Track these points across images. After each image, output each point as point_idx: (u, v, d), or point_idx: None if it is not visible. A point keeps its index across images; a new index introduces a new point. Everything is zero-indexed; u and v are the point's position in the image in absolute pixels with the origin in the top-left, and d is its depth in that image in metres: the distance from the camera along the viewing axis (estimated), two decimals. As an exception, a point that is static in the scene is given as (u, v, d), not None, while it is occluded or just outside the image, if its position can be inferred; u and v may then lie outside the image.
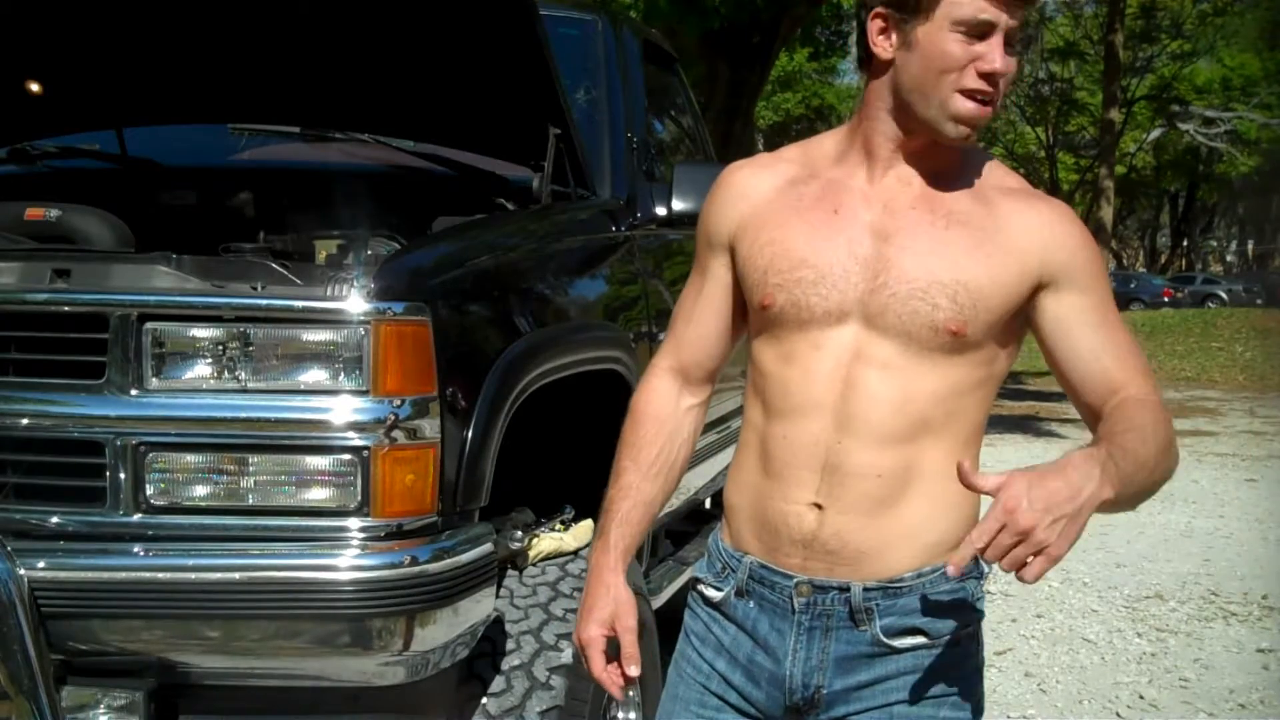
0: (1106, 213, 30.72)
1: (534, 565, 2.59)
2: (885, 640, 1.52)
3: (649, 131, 3.92)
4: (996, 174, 1.57)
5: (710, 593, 1.63)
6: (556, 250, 2.93)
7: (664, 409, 1.70)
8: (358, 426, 2.09)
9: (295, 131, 3.49)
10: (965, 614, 1.55)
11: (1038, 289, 1.50)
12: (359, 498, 2.11)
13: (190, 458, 2.14)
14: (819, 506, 1.51)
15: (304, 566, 2.09)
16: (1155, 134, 34.01)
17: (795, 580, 1.53)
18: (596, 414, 2.95)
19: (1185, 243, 48.26)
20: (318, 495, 2.13)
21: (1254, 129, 31.97)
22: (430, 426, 2.14)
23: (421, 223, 2.89)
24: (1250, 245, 56.53)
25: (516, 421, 2.38)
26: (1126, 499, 1.36)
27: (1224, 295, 36.35)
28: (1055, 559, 1.25)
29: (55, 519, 2.15)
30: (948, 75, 1.44)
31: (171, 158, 3.45)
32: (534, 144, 2.95)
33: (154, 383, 2.12)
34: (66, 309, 2.17)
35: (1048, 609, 5.19)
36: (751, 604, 1.58)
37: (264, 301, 2.12)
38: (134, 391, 2.12)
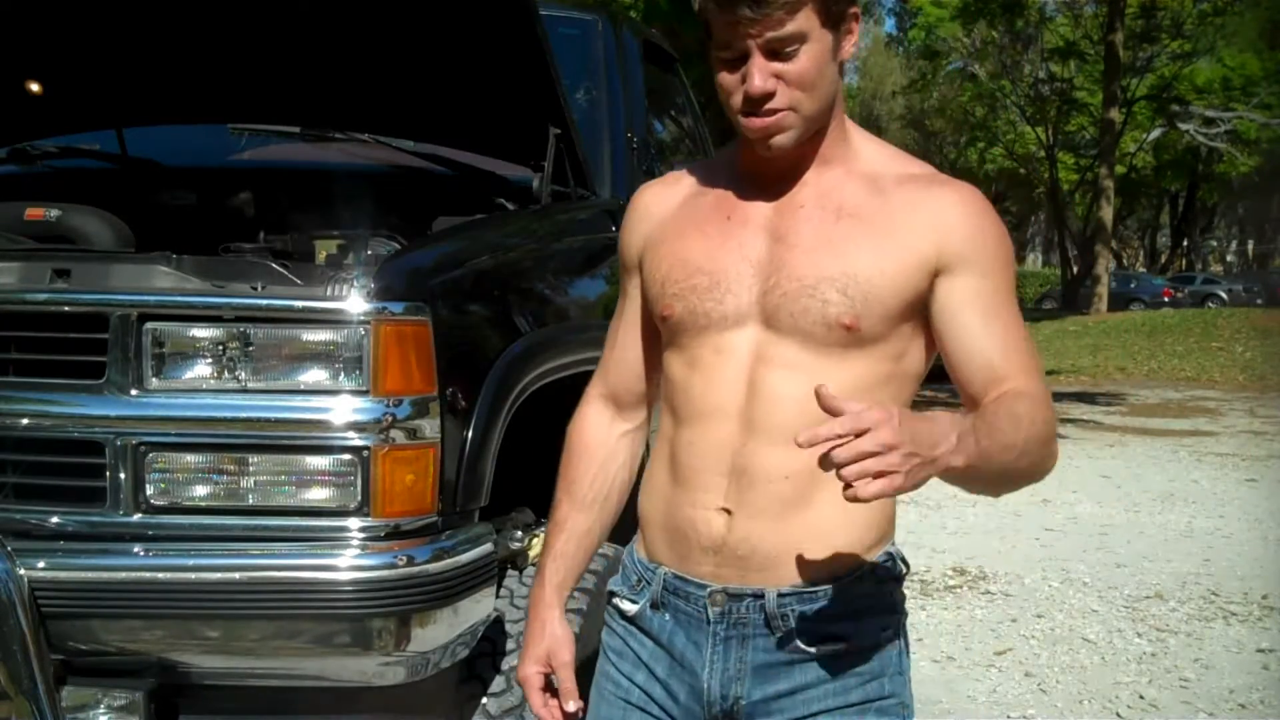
0: (1106, 213, 30.77)
1: (534, 565, 2.59)
2: (803, 647, 1.49)
3: (649, 131, 3.92)
4: (897, 163, 1.55)
5: (626, 606, 1.60)
6: (556, 250, 2.93)
7: (595, 438, 1.68)
8: (358, 426, 2.09)
9: (295, 131, 3.49)
10: (885, 617, 1.53)
11: (936, 275, 1.46)
12: (359, 498, 2.11)
13: (190, 458, 2.14)
14: (727, 511, 1.48)
15: (304, 566, 2.09)
16: (1155, 134, 33.99)
17: (709, 589, 1.50)
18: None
19: (1185, 243, 48.27)
20: (317, 495, 2.13)
21: (1254, 129, 31.96)
22: (430, 426, 2.14)
23: (421, 223, 2.89)
24: (1250, 245, 56.55)
25: (516, 421, 2.38)
26: (983, 477, 1.36)
27: (1224, 295, 36.36)
28: (895, 489, 1.23)
29: (55, 519, 2.15)
30: (729, 101, 1.45)
31: (171, 158, 3.45)
32: (534, 144, 2.95)
33: (154, 383, 2.13)
34: (66, 309, 2.17)
35: (1048, 609, 5.19)
36: (667, 616, 1.55)
37: (264, 301, 2.12)
38: (134, 391, 2.12)
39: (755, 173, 1.53)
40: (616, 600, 1.62)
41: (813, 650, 1.49)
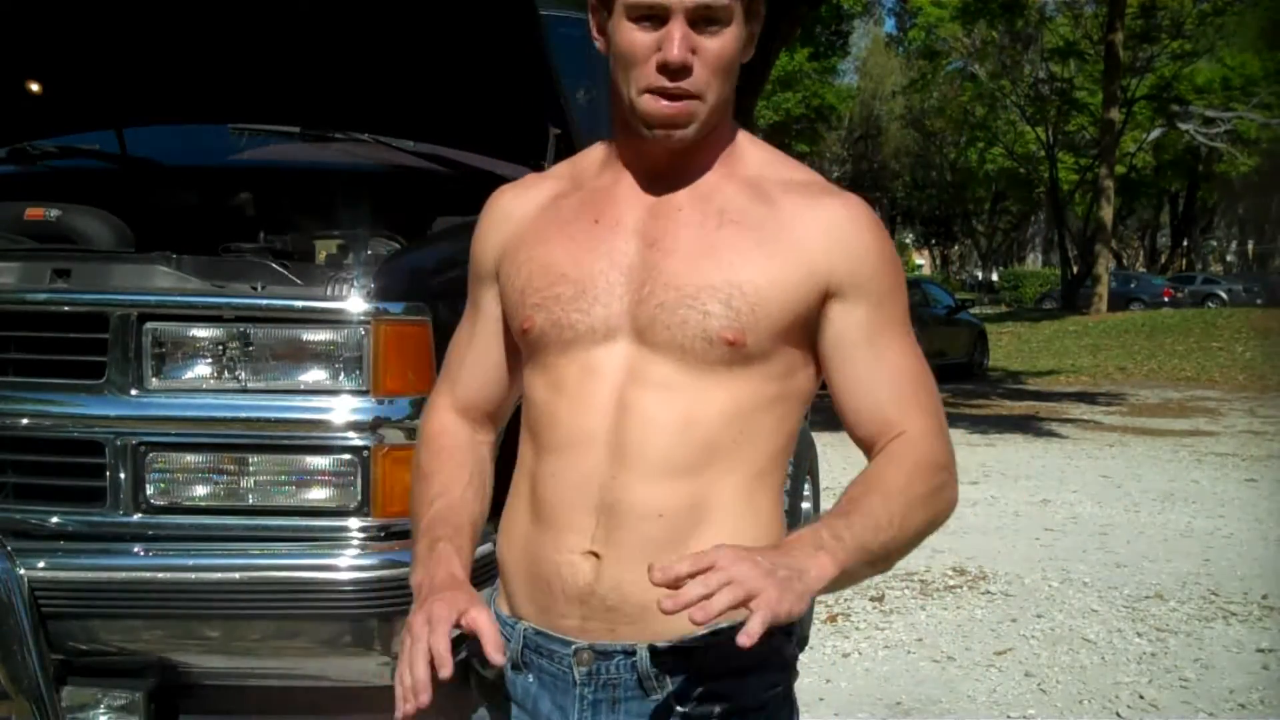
0: (1106, 213, 30.77)
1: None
2: (680, 709, 1.31)
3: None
4: (781, 168, 1.40)
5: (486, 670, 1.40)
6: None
7: (462, 440, 1.49)
8: (357, 426, 2.09)
9: (295, 131, 3.49)
10: (773, 674, 1.36)
11: (827, 297, 1.32)
12: (359, 497, 2.11)
13: (190, 458, 2.14)
14: (595, 555, 1.30)
15: (304, 566, 2.09)
16: (1155, 134, 34.02)
17: (574, 646, 1.32)
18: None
19: (1185, 243, 48.29)
20: (318, 495, 2.13)
21: (1254, 129, 31.98)
22: (430, 426, 2.14)
23: (421, 223, 2.89)
24: (1250, 245, 56.58)
25: (516, 422, 2.37)
26: (868, 566, 1.24)
27: (1224, 295, 36.36)
28: (776, 614, 1.08)
29: (55, 519, 2.15)
30: (631, 72, 1.29)
31: (171, 158, 3.45)
32: (534, 144, 2.95)
33: (154, 383, 2.13)
34: (66, 309, 2.17)
35: (1048, 609, 5.18)
36: (530, 678, 1.36)
37: (264, 301, 2.13)
38: (134, 391, 2.12)
39: (629, 170, 1.38)
40: (476, 663, 1.42)
41: (691, 713, 1.31)
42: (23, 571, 2.05)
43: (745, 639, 1.07)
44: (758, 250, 1.31)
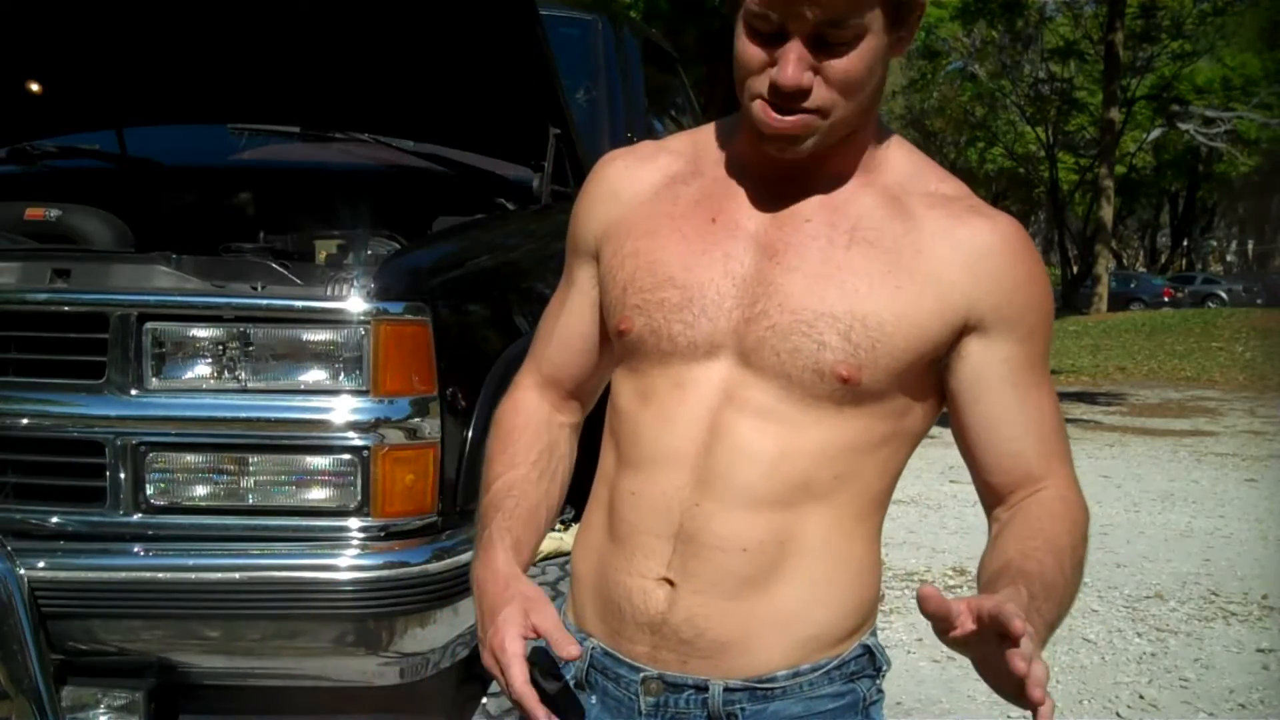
0: (1106, 213, 30.79)
1: (534, 565, 2.58)
2: None
3: (649, 131, 3.92)
4: (927, 179, 1.25)
5: (547, 683, 1.31)
6: (556, 250, 2.92)
7: (535, 419, 1.39)
8: (357, 426, 2.09)
9: (295, 131, 3.49)
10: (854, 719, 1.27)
11: (964, 332, 1.20)
12: (359, 498, 2.11)
13: (190, 458, 2.14)
14: (670, 583, 1.22)
15: (304, 566, 2.09)
16: (1155, 134, 34.04)
17: (643, 674, 1.25)
18: (596, 414, 2.96)
19: (1185, 243, 48.30)
20: (318, 495, 2.13)
21: (1254, 129, 32.00)
22: (430, 426, 2.15)
23: (421, 223, 2.89)
24: (1250, 245, 56.61)
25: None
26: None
27: (1224, 295, 36.38)
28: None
29: (55, 519, 2.15)
30: (748, 80, 1.18)
31: (171, 158, 3.46)
32: (534, 144, 2.95)
33: (154, 383, 2.13)
34: (66, 309, 2.17)
35: (1048, 609, 5.18)
36: (593, 699, 1.29)
37: (264, 301, 2.13)
38: (134, 391, 2.12)
39: (755, 165, 1.26)
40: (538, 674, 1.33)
41: None
42: (23, 571, 2.05)
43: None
44: (888, 278, 1.18)
